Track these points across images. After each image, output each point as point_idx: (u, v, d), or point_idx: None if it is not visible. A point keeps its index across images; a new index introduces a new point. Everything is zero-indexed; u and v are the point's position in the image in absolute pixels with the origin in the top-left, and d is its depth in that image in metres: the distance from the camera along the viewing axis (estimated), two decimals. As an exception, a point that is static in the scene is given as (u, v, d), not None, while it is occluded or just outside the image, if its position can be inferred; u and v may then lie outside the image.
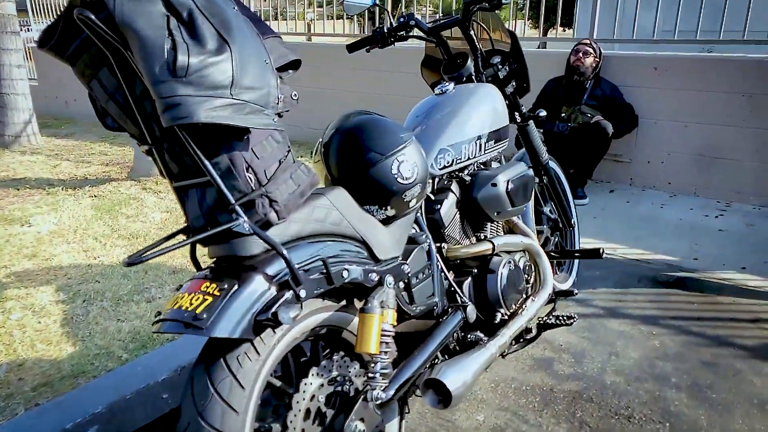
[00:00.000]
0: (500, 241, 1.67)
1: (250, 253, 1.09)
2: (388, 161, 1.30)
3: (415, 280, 1.43)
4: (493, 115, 1.78)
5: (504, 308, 1.64)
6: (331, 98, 5.24)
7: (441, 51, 1.98)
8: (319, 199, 1.22)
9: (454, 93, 1.78)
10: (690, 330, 2.19)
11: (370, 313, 1.19)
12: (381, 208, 1.33)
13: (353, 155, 1.31)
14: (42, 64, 8.14)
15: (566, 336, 2.15)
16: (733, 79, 3.47)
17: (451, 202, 1.64)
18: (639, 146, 3.85)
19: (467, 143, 1.68)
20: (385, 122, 1.36)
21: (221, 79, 0.95)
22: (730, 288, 2.52)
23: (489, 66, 1.95)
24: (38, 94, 8.32)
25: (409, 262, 1.41)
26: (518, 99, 2.05)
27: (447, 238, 1.63)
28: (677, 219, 3.35)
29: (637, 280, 2.61)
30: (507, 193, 1.67)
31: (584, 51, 3.69)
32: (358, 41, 2.00)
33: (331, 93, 5.24)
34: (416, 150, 1.36)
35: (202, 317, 1.00)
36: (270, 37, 1.12)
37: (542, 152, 2.17)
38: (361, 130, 1.33)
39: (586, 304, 2.39)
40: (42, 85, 8.17)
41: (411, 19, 1.90)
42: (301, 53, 1.82)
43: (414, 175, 1.34)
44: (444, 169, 1.64)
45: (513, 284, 1.66)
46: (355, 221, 1.28)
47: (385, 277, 1.28)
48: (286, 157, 1.13)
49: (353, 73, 5.05)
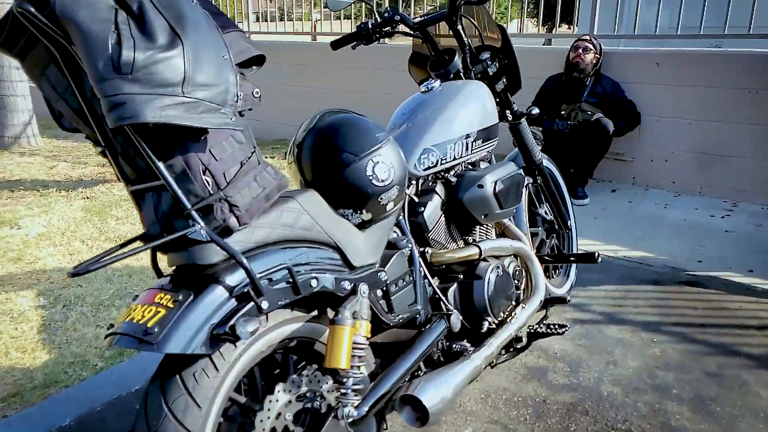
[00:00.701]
0: (487, 246, 1.58)
1: (209, 261, 1.01)
2: (363, 162, 1.22)
3: (394, 288, 1.35)
4: (481, 113, 1.69)
5: (491, 316, 1.55)
6: (335, 98, 5.16)
7: (428, 47, 1.90)
8: (288, 202, 1.14)
9: (441, 90, 1.70)
10: (693, 337, 2.09)
11: (341, 324, 1.11)
12: (356, 212, 1.25)
13: (326, 156, 1.23)
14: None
15: (562, 343, 2.06)
16: (738, 74, 3.36)
17: (435, 204, 1.55)
18: (641, 144, 3.74)
19: (453, 143, 1.60)
20: (361, 121, 1.28)
21: (171, 76, 0.88)
22: (737, 292, 2.42)
23: (478, 62, 1.87)
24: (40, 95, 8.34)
25: (387, 269, 1.32)
26: (509, 96, 1.96)
27: (431, 242, 1.55)
28: (681, 219, 3.24)
29: (638, 284, 2.51)
30: (494, 194, 1.59)
31: (584, 47, 3.59)
32: (342, 38, 1.92)
33: (336, 93, 5.16)
34: (393, 150, 1.28)
35: (153, 331, 0.93)
36: (231, 32, 1.05)
37: (535, 151, 2.08)
38: (335, 130, 1.25)
39: (584, 310, 2.30)
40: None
41: (396, 14, 1.82)
42: (307, 53, 1.76)
43: (390, 177, 1.26)
44: (428, 170, 1.56)
45: (501, 291, 1.58)
46: (327, 226, 1.20)
47: (359, 285, 1.20)
48: (249, 159, 1.05)
49: (361, 72, 4.96)
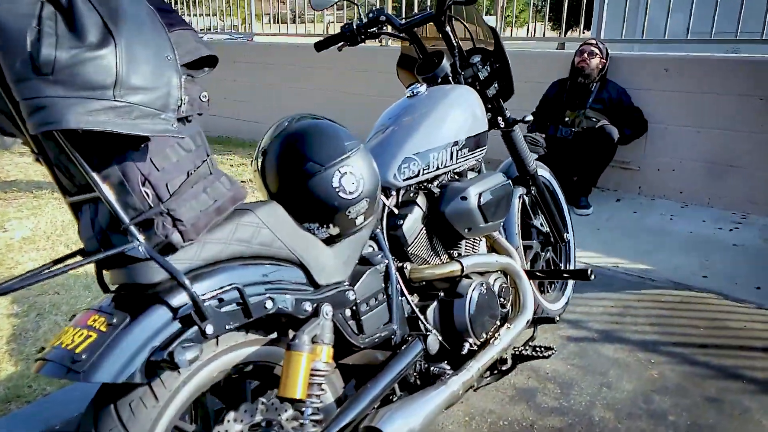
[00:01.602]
0: (471, 262, 1.49)
1: (151, 280, 0.93)
2: (328, 173, 1.14)
3: (365, 307, 1.26)
4: (468, 119, 1.60)
5: (473, 337, 1.45)
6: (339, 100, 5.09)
7: (415, 49, 1.81)
8: (245, 215, 1.06)
9: (426, 95, 1.61)
10: (693, 359, 1.98)
11: (297, 351, 1.02)
12: (322, 226, 1.17)
13: (289, 166, 1.15)
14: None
15: (554, 363, 1.95)
16: (749, 81, 3.23)
17: (416, 216, 1.46)
18: (648, 153, 3.62)
19: (436, 151, 1.51)
20: (330, 128, 1.20)
21: (100, 78, 0.80)
22: (742, 310, 2.30)
23: (468, 66, 1.78)
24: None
25: (358, 287, 1.24)
26: (502, 102, 1.86)
27: (411, 257, 1.46)
28: (687, 232, 3.12)
29: (639, 300, 2.40)
30: (479, 207, 1.49)
31: (589, 51, 3.48)
32: (326, 39, 1.84)
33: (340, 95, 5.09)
34: (364, 160, 1.19)
35: (80, 358, 0.84)
36: (180, 30, 0.96)
37: (529, 160, 1.98)
38: (300, 137, 1.17)
39: (580, 327, 2.19)
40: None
41: (381, 15, 1.73)
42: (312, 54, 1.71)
43: (359, 189, 1.17)
44: (409, 180, 1.47)
45: (484, 310, 1.48)
46: (290, 241, 1.11)
47: (322, 306, 1.11)
48: (198, 168, 0.97)
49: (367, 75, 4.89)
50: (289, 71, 5.34)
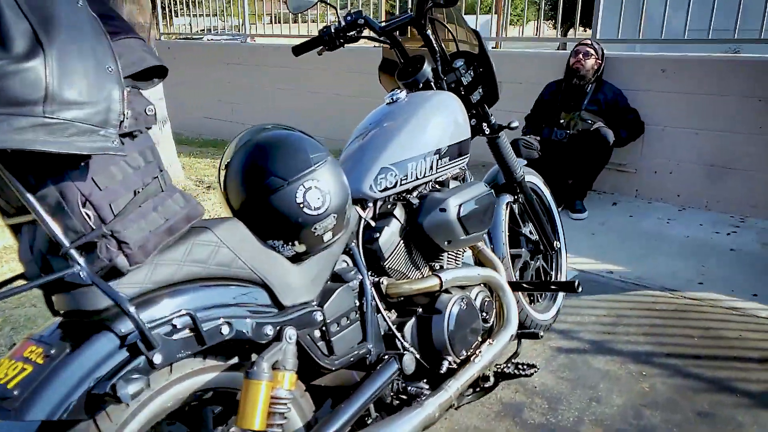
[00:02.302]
0: (449, 276, 1.43)
1: (95, 307, 0.88)
2: (292, 188, 1.08)
3: (335, 328, 1.20)
4: (450, 127, 1.55)
5: (452, 355, 1.40)
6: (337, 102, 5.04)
7: (396, 53, 1.76)
8: (201, 234, 1.00)
9: (406, 102, 1.56)
10: (686, 371, 1.92)
11: (255, 379, 0.97)
12: (287, 244, 1.11)
13: (250, 180, 1.09)
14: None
15: (543, 376, 1.90)
16: (749, 81, 3.16)
17: (393, 229, 1.41)
18: (645, 155, 3.56)
19: (415, 161, 1.45)
20: (295, 139, 1.14)
21: (27, 92, 0.74)
22: (738, 319, 2.24)
23: (451, 70, 1.72)
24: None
25: (327, 306, 1.18)
26: (486, 108, 1.81)
27: (389, 271, 1.40)
28: (684, 236, 3.05)
29: (632, 308, 2.34)
30: (459, 219, 1.43)
31: (585, 52, 3.41)
32: (304, 43, 1.78)
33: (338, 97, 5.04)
34: (331, 173, 1.14)
35: (11, 395, 0.79)
36: (125, 38, 0.91)
37: (516, 167, 1.92)
38: (263, 150, 1.12)
39: (571, 337, 2.14)
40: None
41: (360, 18, 1.68)
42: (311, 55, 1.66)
43: (325, 204, 1.11)
44: (386, 191, 1.42)
45: (463, 326, 1.42)
46: (252, 260, 1.06)
47: (285, 330, 1.06)
48: (147, 186, 0.91)
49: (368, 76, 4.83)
50: (284, 73, 5.29)
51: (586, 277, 2.62)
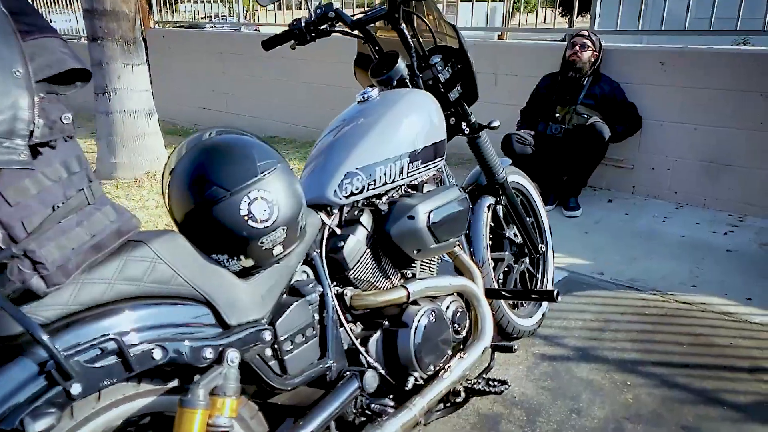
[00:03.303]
0: (418, 287, 1.36)
1: (8, 332, 0.81)
2: (235, 199, 1.00)
3: (289, 346, 1.13)
4: (424, 127, 1.46)
5: (418, 371, 1.33)
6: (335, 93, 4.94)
7: (370, 49, 1.67)
8: (136, 249, 0.93)
9: (377, 101, 1.48)
10: (673, 381, 1.84)
11: (190, 408, 0.90)
12: (232, 258, 1.04)
13: (192, 191, 1.02)
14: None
15: (523, 385, 1.83)
16: (749, 75, 3.05)
17: (359, 237, 1.33)
18: (643, 150, 3.46)
19: (384, 164, 1.37)
20: (242, 146, 1.07)
21: None
22: (730, 325, 2.16)
23: (427, 67, 1.63)
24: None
25: (279, 323, 1.11)
26: (466, 106, 1.72)
27: (355, 282, 1.33)
28: (680, 236, 2.96)
29: (622, 313, 2.26)
30: (428, 227, 1.36)
31: (581, 44, 3.30)
32: (274, 37, 1.70)
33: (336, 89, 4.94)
34: (280, 182, 1.06)
35: None
36: (39, 38, 0.83)
37: (498, 168, 1.84)
38: (206, 158, 1.04)
39: (555, 344, 2.06)
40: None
41: (330, 11, 1.59)
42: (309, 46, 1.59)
43: (273, 216, 1.04)
44: (352, 197, 1.34)
45: (431, 340, 1.35)
46: (193, 276, 0.99)
47: (227, 352, 0.99)
48: (69, 200, 0.84)
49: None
50: (279, 62, 5.18)
51: (576, 279, 2.55)
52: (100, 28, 3.71)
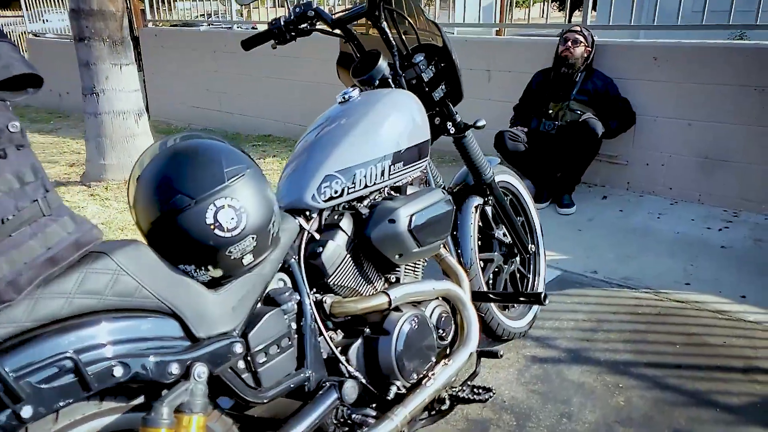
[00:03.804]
0: (399, 293, 1.32)
1: (-44, 352, 0.77)
2: (201, 207, 0.97)
3: (263, 357, 1.10)
4: (406, 128, 1.43)
5: (400, 380, 1.29)
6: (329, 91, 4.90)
7: (352, 48, 1.63)
8: (98, 261, 0.89)
9: (358, 102, 1.44)
10: (665, 383, 1.81)
11: (152, 427, 0.87)
12: (200, 269, 1.00)
13: (157, 199, 0.98)
14: (35, 55, 7.99)
15: (513, 388, 1.80)
16: (744, 70, 3.01)
17: (338, 243, 1.29)
18: (637, 146, 3.42)
19: (364, 167, 1.34)
20: (209, 151, 1.03)
21: None
22: (724, 324, 2.12)
23: (410, 66, 1.59)
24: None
25: (252, 335, 1.08)
26: (451, 106, 1.68)
27: (336, 288, 1.29)
28: (674, 232, 2.93)
29: (614, 312, 2.23)
30: (410, 230, 1.32)
31: (573, 39, 3.26)
32: (253, 37, 1.66)
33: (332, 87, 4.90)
34: (249, 188, 1.02)
35: None
36: None
37: (485, 168, 1.80)
38: (173, 164, 1.00)
39: (547, 345, 2.03)
40: (37, 77, 8.03)
41: (309, 9, 1.55)
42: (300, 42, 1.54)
43: (242, 224, 1.00)
44: (331, 201, 1.30)
45: (414, 347, 1.32)
46: (159, 288, 0.95)
47: (195, 367, 0.95)
48: (21, 211, 0.80)
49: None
50: (271, 61, 5.12)
51: (568, 278, 2.51)
52: (86, 28, 3.66)
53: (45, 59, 7.52)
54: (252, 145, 5.02)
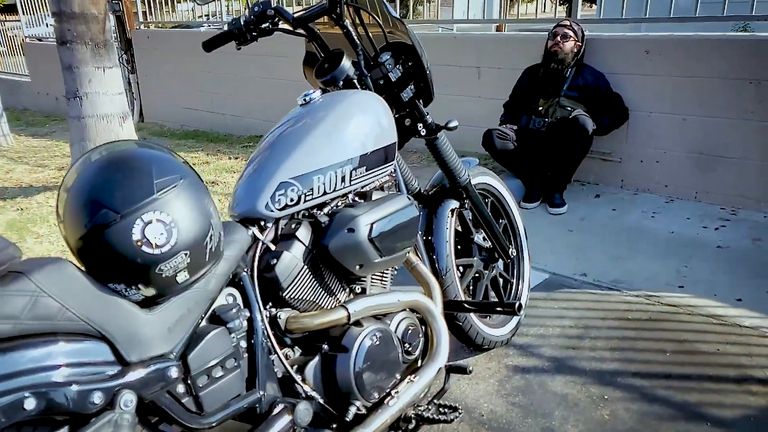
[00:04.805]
0: (358, 306, 1.24)
1: None
2: (127, 222, 0.89)
3: (205, 380, 1.02)
4: (370, 131, 1.35)
5: (361, 399, 1.22)
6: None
7: (316, 48, 1.56)
8: (14, 282, 0.82)
9: (318, 104, 1.36)
10: (654, 394, 1.73)
11: (66, 463, 0.80)
12: (130, 288, 0.93)
13: (83, 213, 0.91)
14: (33, 59, 7.95)
15: (492, 401, 1.72)
16: (739, 62, 2.91)
17: (294, 253, 1.22)
18: (630, 143, 3.32)
19: (323, 173, 1.26)
20: (140, 162, 0.95)
21: None
22: (717, 329, 2.04)
23: (376, 66, 1.52)
24: (30, 90, 8.17)
25: (192, 357, 1.00)
26: (421, 106, 1.60)
27: (292, 302, 1.22)
28: (669, 232, 2.84)
29: (603, 318, 2.15)
30: (370, 240, 1.24)
31: (563, 34, 3.17)
32: (214, 38, 1.59)
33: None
34: (181, 201, 0.95)
35: None
36: None
37: (459, 170, 1.72)
38: (101, 176, 0.93)
39: (530, 353, 1.95)
40: (34, 81, 8.00)
41: (268, 8, 1.47)
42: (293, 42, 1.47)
43: (171, 239, 0.93)
44: (286, 209, 1.23)
45: (375, 365, 1.24)
46: (85, 309, 0.88)
47: (121, 395, 0.88)
48: None
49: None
50: (263, 61, 5.05)
51: (556, 281, 2.43)
52: (68, 31, 3.59)
53: (41, 63, 7.49)
54: (242, 146, 4.96)
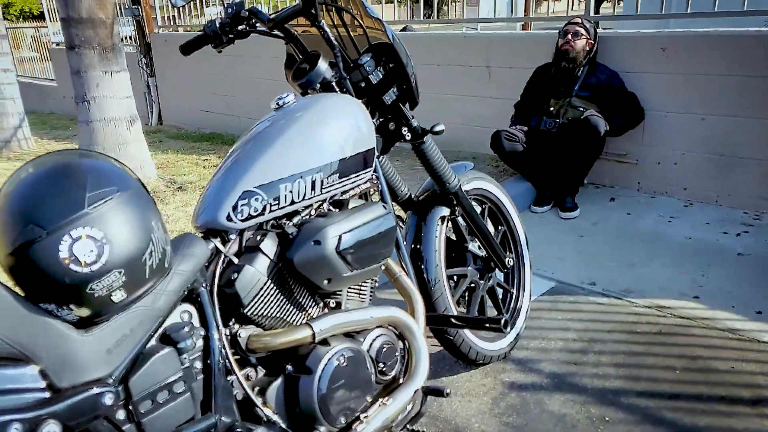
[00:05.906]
0: (324, 324, 1.16)
1: None
2: (53, 239, 0.83)
3: (149, 405, 0.95)
4: (345, 136, 1.27)
5: (325, 425, 1.13)
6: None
7: (293, 50, 1.49)
8: (-70, 305, 0.77)
9: (291, 108, 1.29)
10: (660, 416, 1.60)
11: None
12: (61, 308, 0.87)
13: (9, 230, 0.85)
14: (59, 64, 8.10)
15: (485, 421, 1.62)
16: (761, 59, 2.74)
17: (257, 267, 1.14)
18: (647, 144, 3.17)
19: (290, 181, 1.18)
20: (73, 172, 0.89)
21: None
22: (733, 345, 1.89)
23: (355, 67, 1.44)
24: (56, 94, 8.33)
25: (134, 380, 0.93)
26: (405, 110, 1.52)
27: (256, 319, 1.14)
28: (686, 237, 2.68)
29: (609, 331, 2.02)
30: (339, 253, 1.16)
31: (574, 32, 3.04)
32: (190, 41, 1.54)
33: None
34: (115, 216, 0.88)
35: None
36: None
37: (448, 176, 1.62)
38: (30, 189, 0.86)
39: (528, 369, 1.84)
40: (60, 86, 8.15)
41: (242, 10, 1.41)
42: None
43: (103, 257, 0.86)
44: (250, 220, 1.15)
45: (341, 387, 1.15)
46: (12, 331, 0.82)
47: (44, 425, 0.81)
48: None
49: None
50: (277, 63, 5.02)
51: (563, 290, 2.31)
52: (76, 36, 3.61)
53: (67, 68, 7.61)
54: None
